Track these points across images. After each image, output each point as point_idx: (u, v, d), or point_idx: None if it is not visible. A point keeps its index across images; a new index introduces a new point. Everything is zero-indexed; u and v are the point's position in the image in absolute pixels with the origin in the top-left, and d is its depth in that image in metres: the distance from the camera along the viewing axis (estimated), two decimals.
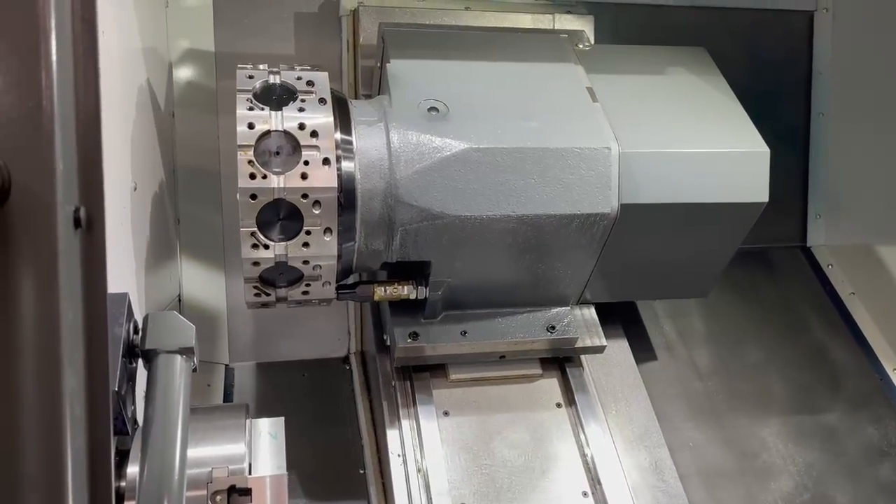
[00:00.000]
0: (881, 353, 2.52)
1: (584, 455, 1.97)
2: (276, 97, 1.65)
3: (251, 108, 1.62)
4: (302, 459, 2.14)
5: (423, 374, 2.02)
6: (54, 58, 0.74)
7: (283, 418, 1.48)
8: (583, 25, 2.28)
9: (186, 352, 1.10)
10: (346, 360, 2.48)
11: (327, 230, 1.64)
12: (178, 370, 1.09)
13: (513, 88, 1.90)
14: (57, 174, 0.74)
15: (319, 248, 1.65)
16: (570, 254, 1.90)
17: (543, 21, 2.28)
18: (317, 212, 1.62)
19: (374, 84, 2.11)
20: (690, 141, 1.89)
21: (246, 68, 1.70)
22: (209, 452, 1.21)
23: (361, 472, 2.13)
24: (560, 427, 2.02)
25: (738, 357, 2.45)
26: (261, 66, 1.70)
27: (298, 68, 1.73)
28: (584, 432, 1.99)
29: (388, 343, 2.03)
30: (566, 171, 1.78)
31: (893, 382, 2.45)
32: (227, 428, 1.31)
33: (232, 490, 1.17)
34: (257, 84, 1.66)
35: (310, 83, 1.69)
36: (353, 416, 2.30)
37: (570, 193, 1.78)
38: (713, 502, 2.11)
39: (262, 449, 1.36)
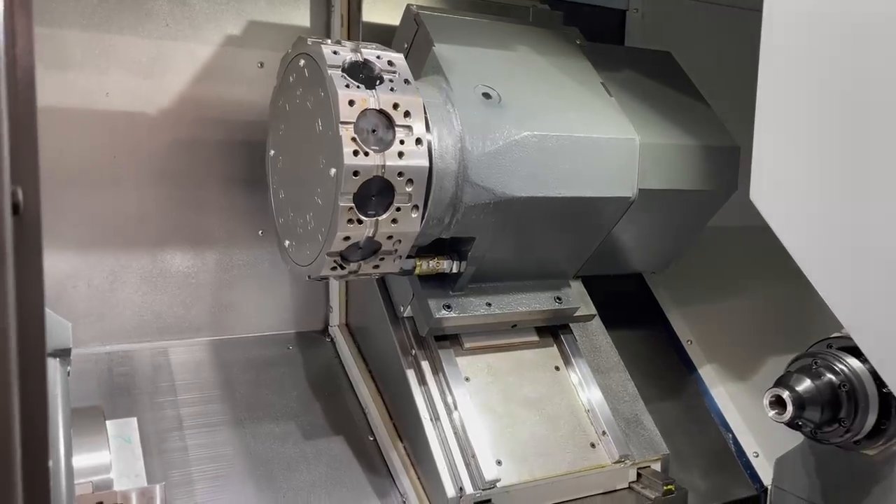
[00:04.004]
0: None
1: (587, 411, 2.22)
2: (363, 76, 1.68)
3: (348, 86, 1.64)
4: (310, 431, 2.18)
5: (443, 342, 2.14)
6: None
7: (134, 419, 1.49)
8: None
9: (61, 354, 0.96)
10: (324, 332, 2.51)
11: (415, 207, 1.71)
12: (52, 377, 0.93)
13: (544, 79, 2.07)
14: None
15: (406, 225, 1.72)
16: (587, 232, 2.12)
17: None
18: (409, 189, 1.69)
19: None
20: (691, 136, 2.18)
21: (326, 44, 1.70)
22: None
23: (371, 438, 2.20)
24: (562, 387, 2.25)
25: None
26: (343, 43, 1.72)
27: (372, 47, 1.76)
28: (583, 391, 2.24)
29: (406, 314, 2.13)
30: (600, 157, 2.00)
31: None
32: (86, 434, 1.20)
33: None
34: (346, 61, 1.68)
35: (390, 63, 1.73)
36: (348, 386, 2.35)
37: (602, 178, 2.00)
38: None
39: (116, 455, 1.28)
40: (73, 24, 2.09)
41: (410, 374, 2.09)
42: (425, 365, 2.10)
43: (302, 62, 1.77)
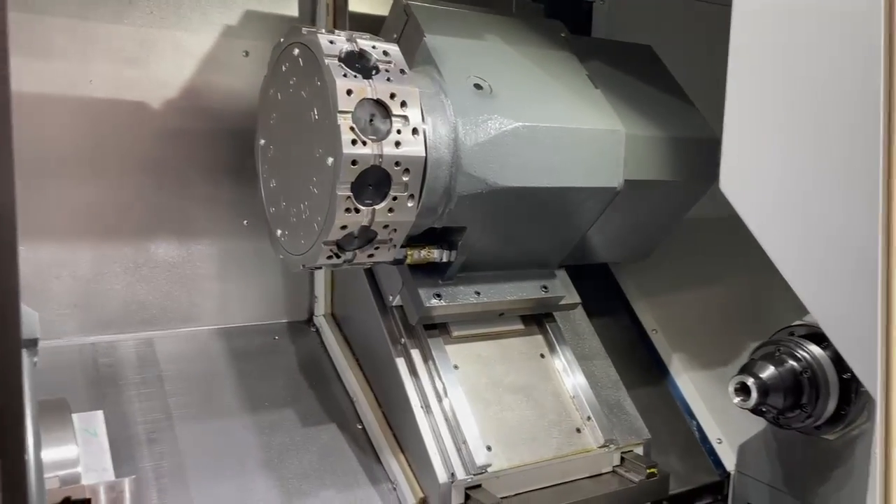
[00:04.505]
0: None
1: (572, 397, 2.26)
2: (359, 65, 1.69)
3: (345, 75, 1.65)
4: (298, 420, 2.19)
5: (433, 331, 2.16)
6: None
7: (100, 412, 1.44)
8: None
9: (29, 345, 0.93)
10: (309, 321, 2.52)
11: (411, 196, 1.73)
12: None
13: (532, 71, 2.10)
14: None
15: (402, 214, 1.74)
16: (573, 222, 2.16)
17: None
18: (406, 179, 1.70)
19: None
20: (673, 128, 2.24)
21: (321, 33, 1.71)
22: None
23: (360, 427, 2.22)
24: (548, 374, 2.29)
25: None
26: (337, 33, 1.72)
27: (366, 37, 1.77)
28: (568, 377, 2.28)
29: (395, 304, 2.15)
30: (588, 149, 2.04)
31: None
32: (53, 428, 1.18)
33: (66, 502, 1.05)
34: (342, 51, 1.68)
35: (385, 53, 1.75)
36: (334, 375, 2.36)
37: (589, 168, 2.04)
38: None
39: (82, 449, 1.26)
40: (55, 11, 2.06)
41: (400, 363, 2.11)
42: (415, 353, 2.12)
43: (296, 51, 1.77)
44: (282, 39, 1.85)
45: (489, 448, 2.02)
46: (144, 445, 1.96)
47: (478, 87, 1.94)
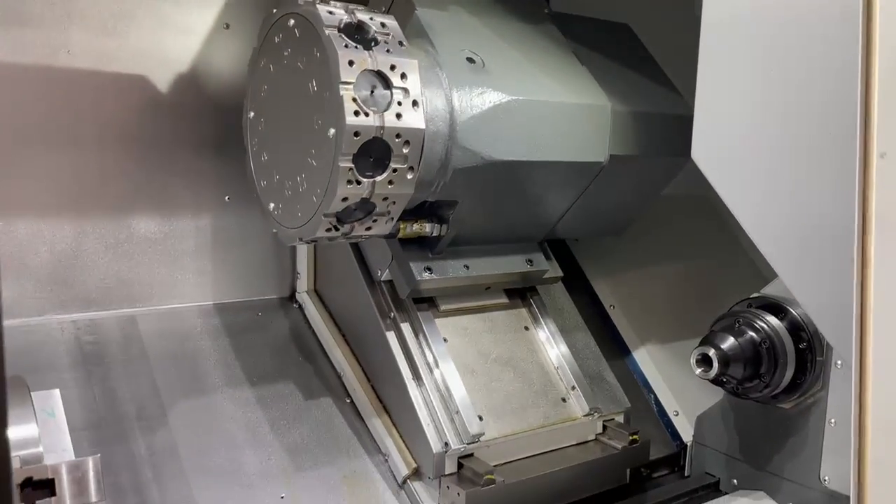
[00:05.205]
0: None
1: (556, 368, 2.31)
2: (358, 37, 1.69)
3: (346, 46, 1.64)
4: (287, 395, 2.19)
5: (421, 305, 2.18)
6: None
7: (57, 391, 1.40)
8: None
9: None
10: (291, 298, 2.51)
11: (410, 169, 1.74)
12: None
13: (520, 46, 2.12)
14: None
15: (402, 186, 1.75)
16: (558, 196, 2.20)
17: None
18: (406, 151, 1.71)
19: None
20: (653, 104, 2.29)
21: (319, 3, 1.69)
22: None
23: (348, 400, 2.23)
24: (533, 346, 2.34)
25: None
26: (334, 4, 1.71)
27: (362, 9, 1.77)
28: (551, 349, 2.34)
29: (384, 278, 2.16)
30: (576, 123, 2.07)
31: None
32: (11, 406, 1.08)
33: (28, 483, 1.01)
34: (342, 21, 1.68)
35: (383, 25, 1.74)
36: (319, 351, 2.36)
37: (577, 143, 2.08)
38: None
39: (41, 429, 1.21)
40: None
41: (391, 336, 2.13)
42: (405, 327, 2.14)
43: (291, 22, 1.75)
44: (274, 10, 1.83)
45: (480, 418, 2.06)
46: (135, 423, 1.94)
47: (470, 60, 1.95)
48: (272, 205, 1.92)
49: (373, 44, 1.69)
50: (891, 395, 1.53)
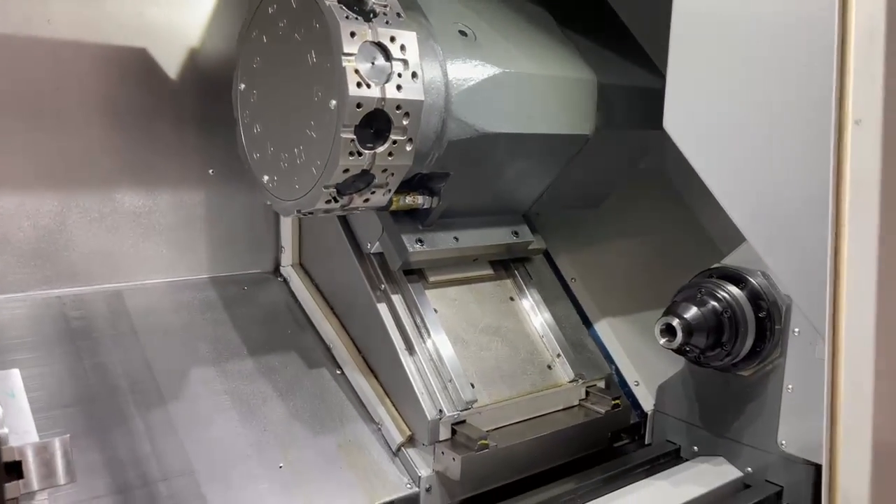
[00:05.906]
0: None
1: (541, 337, 2.37)
2: (357, 8, 1.69)
3: (347, 17, 1.65)
4: (278, 368, 2.20)
5: (411, 276, 2.21)
6: None
7: (16, 370, 1.37)
8: None
9: None
10: (275, 272, 2.51)
11: (409, 140, 1.76)
12: None
13: (507, 20, 2.15)
14: None
15: (401, 158, 1.76)
16: (544, 169, 2.25)
17: None
18: (405, 123, 1.73)
19: None
20: (634, 78, 2.34)
21: None
22: None
23: (339, 372, 2.25)
24: (518, 316, 2.39)
25: None
26: None
27: None
28: (536, 318, 2.39)
29: (374, 251, 2.18)
30: (563, 96, 2.11)
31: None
32: None
33: None
34: None
35: None
36: (307, 323, 2.37)
37: (565, 116, 2.12)
38: None
39: (4, 411, 1.19)
40: None
41: (382, 308, 2.15)
42: (396, 298, 2.17)
43: None
44: None
45: (472, 385, 2.11)
46: (129, 397, 1.93)
47: (462, 34, 1.97)
48: (266, 177, 1.91)
49: (371, 15, 1.69)
50: (863, 361, 1.53)
